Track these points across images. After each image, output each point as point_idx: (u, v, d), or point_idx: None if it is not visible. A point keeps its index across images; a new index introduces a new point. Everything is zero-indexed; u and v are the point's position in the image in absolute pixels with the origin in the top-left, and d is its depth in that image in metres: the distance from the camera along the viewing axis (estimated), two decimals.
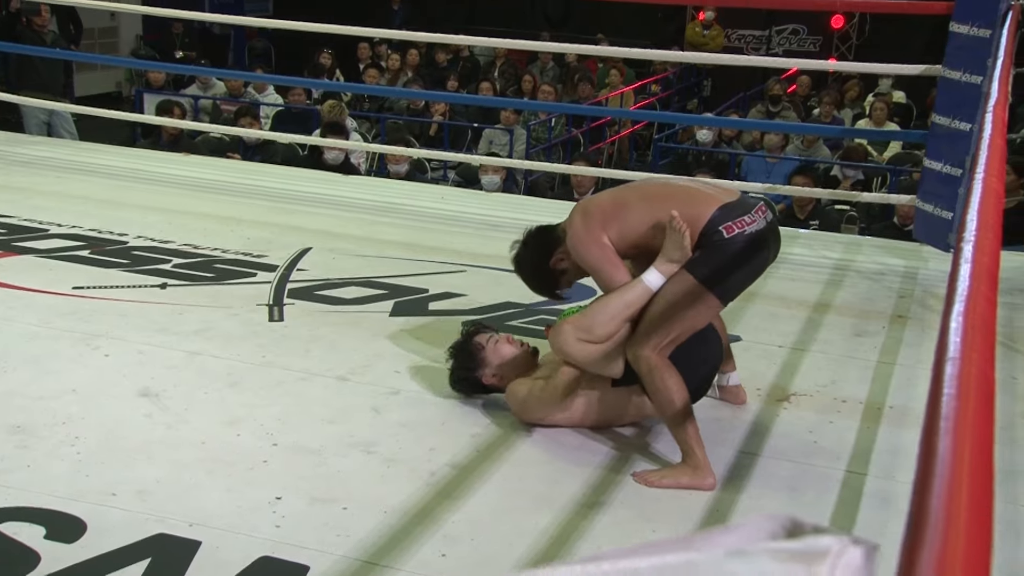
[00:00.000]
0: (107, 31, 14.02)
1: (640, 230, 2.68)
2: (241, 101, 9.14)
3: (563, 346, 2.70)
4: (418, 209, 5.21)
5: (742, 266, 2.63)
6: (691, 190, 2.75)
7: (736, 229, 2.60)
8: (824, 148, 8.48)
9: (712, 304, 2.65)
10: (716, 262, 2.60)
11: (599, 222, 2.69)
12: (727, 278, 2.63)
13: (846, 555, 0.36)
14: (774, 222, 2.72)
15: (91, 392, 3.01)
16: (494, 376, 2.94)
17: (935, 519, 0.47)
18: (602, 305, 2.69)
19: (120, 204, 5.03)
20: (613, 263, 2.70)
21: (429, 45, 12.05)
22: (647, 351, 2.61)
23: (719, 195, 2.70)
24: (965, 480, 0.53)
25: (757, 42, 14.71)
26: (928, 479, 0.52)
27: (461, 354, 2.97)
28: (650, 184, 2.93)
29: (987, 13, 4.07)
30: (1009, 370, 3.43)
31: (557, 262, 2.86)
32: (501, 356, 2.93)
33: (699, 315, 2.64)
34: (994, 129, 1.83)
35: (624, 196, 2.77)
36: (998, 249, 1.15)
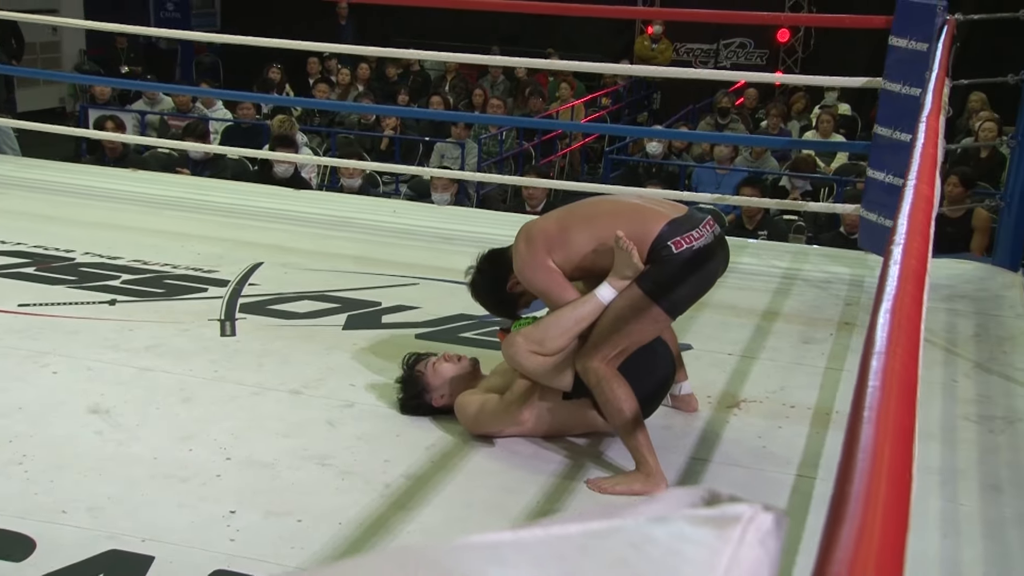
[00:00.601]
0: (49, 46, 13.85)
1: (585, 252, 2.71)
2: (189, 116, 9.07)
3: (515, 357, 2.72)
4: (370, 223, 5.22)
5: (690, 280, 2.67)
6: (638, 207, 2.77)
7: (684, 244, 2.64)
8: (772, 159, 8.63)
9: (660, 318, 2.69)
10: (664, 277, 2.64)
11: (543, 247, 2.72)
12: (675, 292, 2.66)
13: (757, 520, 0.39)
14: (722, 235, 2.77)
15: (39, 410, 2.98)
16: (442, 397, 2.97)
17: (855, 503, 0.50)
18: (555, 319, 2.72)
19: (66, 220, 4.97)
20: (561, 285, 2.73)
21: (379, 59, 12.05)
22: (595, 363, 2.64)
23: (667, 211, 2.73)
24: (885, 467, 0.56)
25: (705, 56, 14.91)
26: (850, 466, 0.55)
27: (407, 384, 3.02)
28: (597, 203, 2.92)
29: (924, 27, 4.19)
30: (951, 374, 3.52)
31: (513, 286, 2.89)
32: (442, 376, 2.96)
33: (647, 328, 2.68)
34: (926, 139, 1.90)
35: (568, 219, 2.78)
36: (926, 252, 1.20)
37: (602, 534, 0.34)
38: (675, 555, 0.34)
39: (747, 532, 0.37)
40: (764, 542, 0.38)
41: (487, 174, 8.11)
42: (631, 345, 2.67)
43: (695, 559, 0.34)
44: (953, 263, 4.73)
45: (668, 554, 0.34)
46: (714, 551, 0.36)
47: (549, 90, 11.75)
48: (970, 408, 3.23)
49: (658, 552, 0.34)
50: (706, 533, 0.36)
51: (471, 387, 2.96)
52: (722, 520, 0.38)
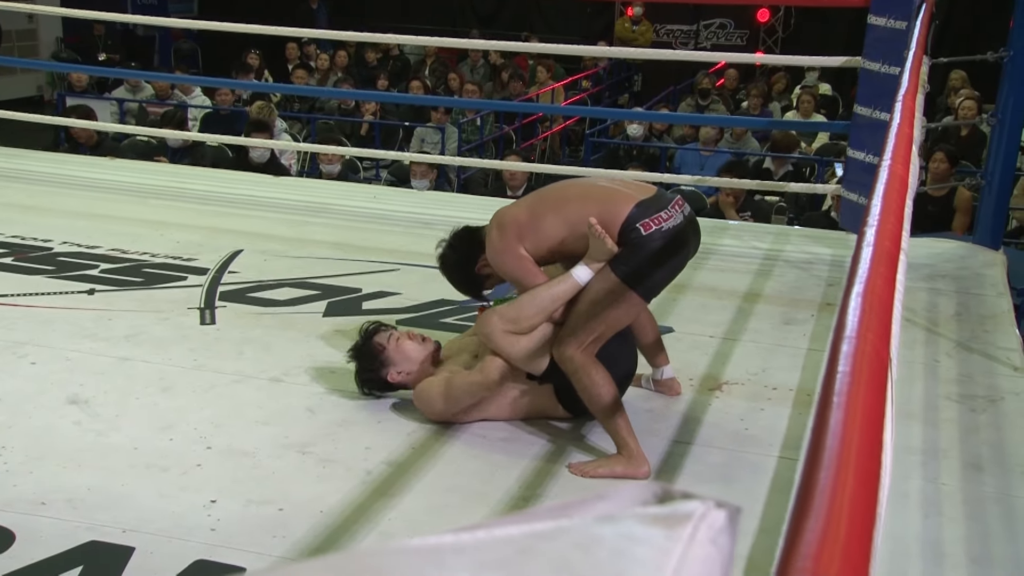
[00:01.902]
0: (25, 33, 13.71)
1: (557, 237, 2.71)
2: (168, 103, 9.00)
3: (490, 335, 2.72)
4: (350, 209, 5.19)
5: (663, 262, 2.68)
6: (607, 189, 2.77)
7: (653, 226, 2.64)
8: (753, 140, 8.63)
9: (634, 301, 2.69)
10: (637, 260, 2.64)
11: (514, 235, 2.72)
12: (648, 275, 2.67)
13: (709, 517, 0.38)
14: (692, 215, 2.78)
15: (18, 401, 2.95)
16: (399, 374, 2.94)
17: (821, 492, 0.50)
18: (530, 297, 2.71)
19: (44, 210, 4.93)
20: (532, 272, 2.73)
21: (358, 44, 11.98)
22: (572, 350, 2.65)
23: (635, 193, 2.73)
24: (853, 453, 0.55)
25: (685, 37, 14.89)
26: (819, 451, 0.55)
27: (363, 356, 2.97)
28: (566, 187, 2.89)
29: (902, 6, 4.19)
30: (932, 354, 3.53)
31: (481, 267, 2.90)
32: (404, 354, 2.94)
33: (623, 313, 2.69)
34: (902, 119, 1.89)
35: (538, 205, 2.77)
36: (900, 233, 1.19)
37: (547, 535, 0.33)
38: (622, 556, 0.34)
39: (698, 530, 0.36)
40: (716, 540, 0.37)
41: (467, 158, 8.08)
42: (607, 330, 2.67)
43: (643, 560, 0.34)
44: (934, 242, 4.74)
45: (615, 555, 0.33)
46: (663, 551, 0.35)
47: (529, 73, 11.71)
48: (952, 387, 3.24)
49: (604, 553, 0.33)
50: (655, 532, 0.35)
51: (430, 373, 2.95)
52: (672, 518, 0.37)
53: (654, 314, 3.12)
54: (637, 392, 3.11)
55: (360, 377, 2.99)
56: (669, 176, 6.68)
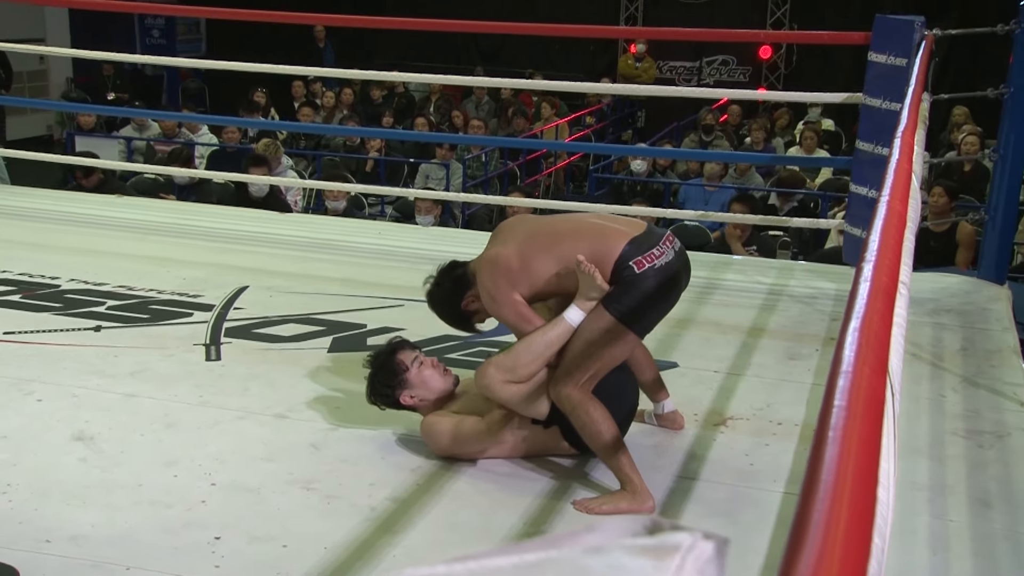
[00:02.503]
0: (37, 74, 13.86)
1: (549, 277, 2.73)
2: (175, 141, 9.08)
3: (489, 387, 2.72)
4: (355, 245, 5.21)
5: (655, 298, 2.69)
6: (598, 226, 2.78)
7: (646, 263, 2.66)
8: (757, 176, 8.67)
9: (629, 338, 2.70)
10: (630, 297, 2.65)
11: (507, 281, 2.73)
12: (642, 312, 2.68)
13: (697, 548, 0.39)
14: (682, 250, 2.79)
15: (23, 438, 2.96)
16: (412, 398, 2.93)
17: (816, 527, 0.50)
18: (525, 345, 2.72)
19: (51, 247, 4.96)
20: (526, 318, 2.75)
21: (364, 81, 12.08)
22: (568, 389, 2.65)
23: (626, 229, 2.74)
24: (848, 488, 0.56)
25: (688, 73, 15.00)
26: (814, 486, 0.55)
27: (382, 369, 2.95)
28: (556, 224, 2.89)
29: (902, 43, 4.22)
30: (938, 389, 3.52)
31: (468, 303, 2.91)
32: (423, 380, 2.93)
33: (617, 350, 2.69)
34: (901, 154, 1.91)
35: (529, 248, 2.76)
36: (897, 268, 1.20)
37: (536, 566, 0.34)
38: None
39: (686, 561, 0.37)
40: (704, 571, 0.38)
41: (472, 194, 8.12)
42: (602, 368, 2.68)
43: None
44: (938, 277, 4.74)
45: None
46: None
47: (534, 110, 11.79)
48: (958, 423, 3.23)
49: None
50: (644, 563, 0.36)
51: (442, 407, 2.95)
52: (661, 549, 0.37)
53: (659, 348, 3.13)
54: (640, 428, 3.10)
55: (373, 388, 2.97)
56: (672, 211, 6.71)
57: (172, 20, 15.54)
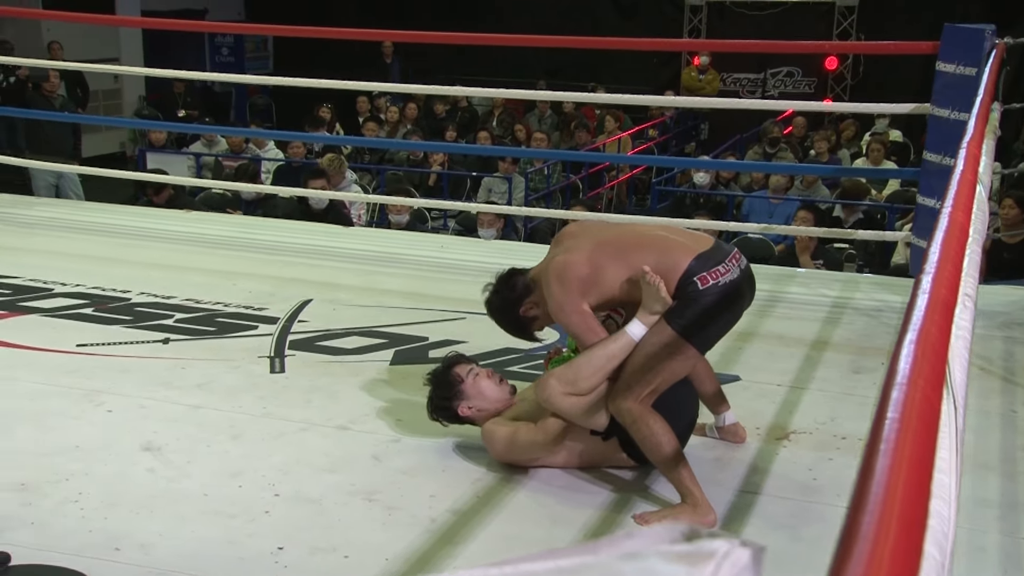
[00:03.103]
0: (111, 93, 14.23)
1: (617, 286, 2.73)
2: (243, 157, 9.25)
3: (549, 399, 2.72)
4: (418, 258, 5.26)
5: (718, 315, 2.68)
6: (667, 240, 2.78)
7: (711, 280, 2.65)
8: (823, 188, 8.55)
9: (690, 354, 2.69)
10: (692, 312, 2.64)
11: (578, 291, 2.72)
12: (704, 328, 2.67)
13: (732, 555, 0.39)
14: (748, 269, 2.77)
15: (94, 448, 3.03)
16: (469, 408, 2.95)
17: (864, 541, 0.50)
18: (586, 358, 2.72)
19: (123, 262, 5.08)
20: (594, 329, 2.75)
21: (427, 96, 12.19)
22: (629, 403, 2.65)
23: (694, 244, 2.73)
24: (898, 500, 0.55)
25: (752, 85, 14.86)
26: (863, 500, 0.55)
27: (440, 384, 2.98)
28: (625, 235, 2.88)
29: (972, 52, 4.15)
30: (1009, 404, 3.44)
31: (527, 310, 2.91)
32: (479, 390, 2.95)
33: (678, 365, 2.68)
34: (966, 165, 1.88)
35: (598, 256, 2.75)
36: (957, 281, 1.18)
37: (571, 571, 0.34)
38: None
39: (721, 568, 0.37)
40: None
41: (534, 208, 8.14)
42: (663, 383, 2.67)
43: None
44: (1010, 290, 4.64)
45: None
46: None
47: (597, 123, 11.78)
48: None
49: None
50: (678, 569, 0.36)
51: (500, 414, 2.96)
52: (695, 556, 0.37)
53: (721, 362, 3.10)
54: (701, 441, 3.08)
55: (432, 403, 3.01)
56: (736, 224, 6.65)
57: (240, 38, 15.86)
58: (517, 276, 2.94)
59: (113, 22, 13.29)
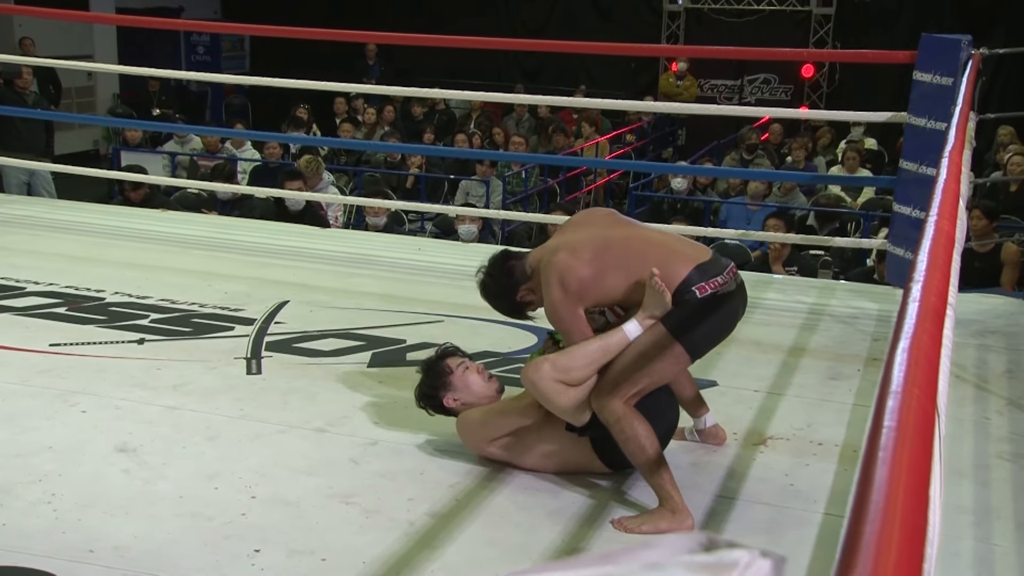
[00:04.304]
0: (84, 90, 14.10)
1: (617, 293, 2.75)
2: (219, 157, 9.19)
3: (538, 381, 2.70)
4: (395, 261, 5.24)
5: (713, 324, 2.71)
6: (669, 248, 2.79)
7: (709, 289, 2.68)
8: (801, 195, 8.61)
9: (682, 358, 2.70)
10: (689, 318, 2.67)
11: (576, 294, 2.73)
12: (698, 334, 2.69)
13: (755, 566, 0.39)
14: (743, 284, 2.81)
15: (68, 449, 3.00)
16: (455, 401, 2.97)
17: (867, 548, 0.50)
18: (582, 349, 2.72)
19: (97, 261, 5.04)
20: (584, 333, 2.76)
21: (405, 98, 12.17)
22: (614, 401, 2.65)
23: (695, 254, 2.76)
24: (899, 508, 0.55)
25: (730, 91, 14.95)
26: (864, 507, 0.55)
27: (429, 372, 3.00)
28: (631, 240, 2.85)
29: (948, 62, 4.18)
30: (982, 411, 3.47)
31: (524, 296, 2.92)
32: (466, 383, 2.97)
33: (667, 368, 2.70)
34: (949, 174, 1.89)
35: (601, 262, 2.75)
36: (946, 289, 1.19)
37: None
38: None
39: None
40: None
41: (510, 212, 8.14)
42: (649, 385, 2.68)
43: None
44: (983, 298, 4.68)
45: None
46: None
47: (576, 127, 11.80)
48: (1003, 446, 3.18)
49: None
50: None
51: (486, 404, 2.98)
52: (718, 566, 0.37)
53: (699, 367, 3.11)
54: (679, 445, 3.09)
55: (419, 391, 3.03)
56: (713, 230, 6.68)
57: (217, 37, 15.77)
58: (513, 261, 2.94)
59: (87, 19, 13.17)
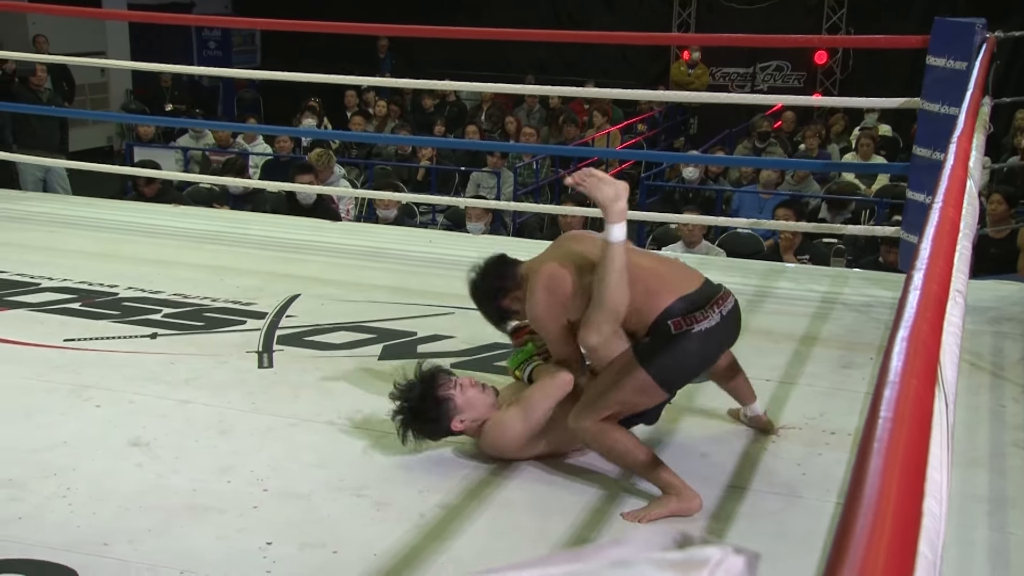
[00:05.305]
0: (98, 87, 14.15)
1: None
2: (230, 151, 9.21)
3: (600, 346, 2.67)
4: (406, 253, 5.24)
5: (686, 359, 2.68)
6: (656, 275, 2.74)
7: (684, 326, 2.64)
8: (814, 183, 8.56)
9: (650, 389, 2.68)
10: (663, 354, 2.64)
11: (561, 305, 2.73)
12: (668, 367, 2.66)
13: (726, 563, 0.39)
14: (732, 313, 2.76)
15: (82, 443, 3.02)
16: (461, 422, 2.88)
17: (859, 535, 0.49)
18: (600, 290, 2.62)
19: (111, 256, 5.06)
20: (568, 342, 2.79)
21: (416, 90, 12.16)
22: (587, 423, 2.68)
23: (682, 284, 2.71)
24: (892, 500, 0.55)
25: (742, 79, 14.87)
26: (858, 498, 0.55)
27: (426, 400, 2.84)
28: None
29: (962, 46, 4.15)
30: (998, 399, 3.45)
31: (510, 303, 2.90)
32: (470, 403, 2.88)
33: (636, 397, 2.69)
34: (956, 160, 1.88)
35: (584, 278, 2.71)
36: (949, 277, 1.18)
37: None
38: None
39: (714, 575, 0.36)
40: None
41: (523, 203, 8.13)
42: (622, 412, 2.70)
43: None
44: (998, 284, 4.65)
45: None
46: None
47: (587, 118, 11.77)
48: (1019, 434, 3.16)
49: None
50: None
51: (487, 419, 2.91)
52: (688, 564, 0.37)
53: None
54: (691, 436, 3.09)
55: (417, 426, 2.88)
56: (724, 219, 6.66)
57: (228, 32, 15.79)
58: (508, 266, 2.92)
59: (99, 15, 13.21)
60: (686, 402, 3.36)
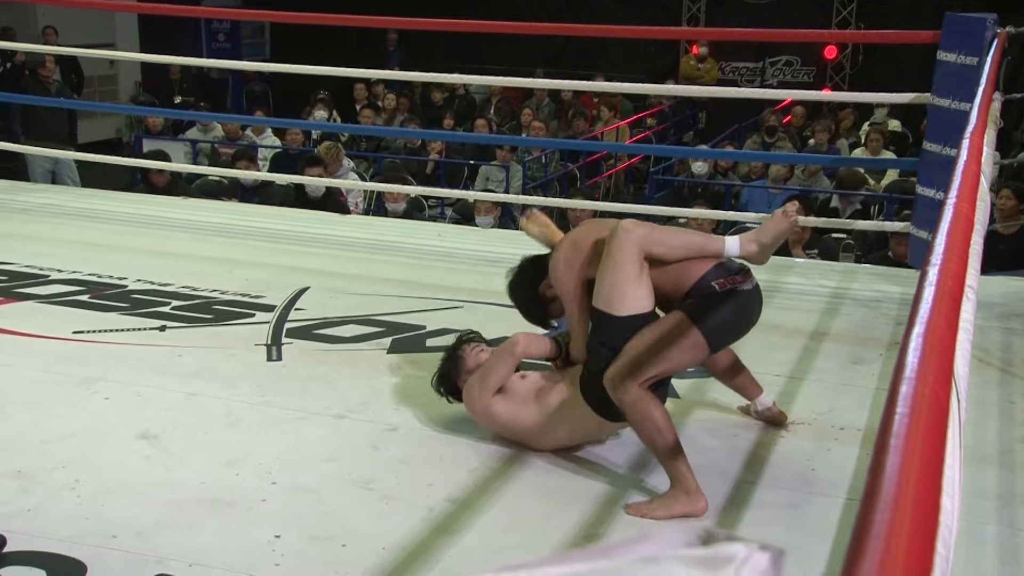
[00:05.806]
0: (107, 79, 14.16)
1: None
2: (239, 144, 9.21)
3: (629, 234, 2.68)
4: (415, 247, 5.25)
5: (732, 317, 2.73)
6: None
7: (728, 284, 2.71)
8: (824, 179, 8.53)
9: (699, 347, 2.69)
10: (709, 308, 2.68)
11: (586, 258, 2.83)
12: (717, 324, 2.69)
13: (752, 560, 0.38)
14: (758, 288, 2.83)
15: (91, 435, 3.02)
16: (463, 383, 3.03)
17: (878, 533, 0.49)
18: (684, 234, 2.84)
19: (120, 248, 5.07)
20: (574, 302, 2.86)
21: (425, 84, 12.16)
22: (630, 382, 2.63)
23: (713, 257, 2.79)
24: (910, 498, 0.54)
25: (751, 74, 14.83)
26: (875, 495, 0.54)
27: (449, 358, 3.08)
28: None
29: (973, 42, 4.13)
30: (1007, 395, 3.44)
31: (546, 288, 3.01)
32: (477, 362, 3.02)
33: (684, 355, 2.69)
34: (969, 156, 1.86)
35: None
36: (964, 273, 1.17)
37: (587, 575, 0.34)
38: None
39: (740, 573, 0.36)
40: None
41: (532, 196, 8.12)
42: (666, 371, 2.70)
43: None
44: (1007, 281, 4.64)
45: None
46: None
47: (595, 112, 11.75)
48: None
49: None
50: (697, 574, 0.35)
51: None
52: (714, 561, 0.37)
53: None
54: (700, 431, 3.08)
55: (437, 373, 3.09)
56: (734, 214, 6.64)
57: (237, 24, 15.79)
58: (541, 258, 3.05)
59: (108, 7, 13.19)
60: (696, 397, 3.36)
